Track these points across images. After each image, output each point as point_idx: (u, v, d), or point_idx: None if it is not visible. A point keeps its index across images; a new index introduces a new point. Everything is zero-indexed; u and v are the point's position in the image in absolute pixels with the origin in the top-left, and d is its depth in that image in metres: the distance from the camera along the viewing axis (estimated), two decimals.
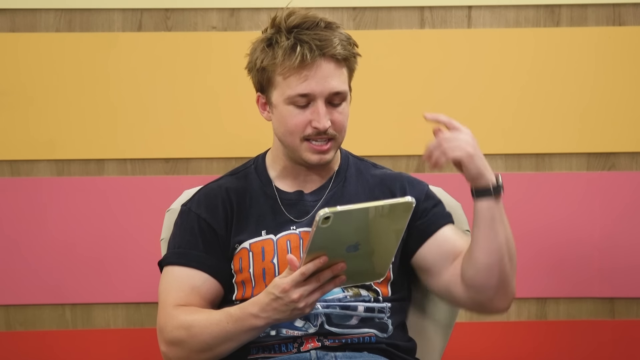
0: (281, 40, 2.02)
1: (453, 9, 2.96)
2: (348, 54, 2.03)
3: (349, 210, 1.71)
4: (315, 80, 2.01)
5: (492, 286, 1.98)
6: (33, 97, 2.93)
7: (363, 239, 1.77)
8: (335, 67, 2.02)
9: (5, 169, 2.96)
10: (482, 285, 1.98)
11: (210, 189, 2.15)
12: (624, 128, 2.96)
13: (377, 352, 2.03)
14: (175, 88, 2.94)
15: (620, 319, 2.98)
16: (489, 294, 1.99)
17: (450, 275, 2.03)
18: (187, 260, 2.07)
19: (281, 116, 2.05)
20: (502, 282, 1.98)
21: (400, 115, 2.93)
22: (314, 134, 2.03)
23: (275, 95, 2.05)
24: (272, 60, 2.02)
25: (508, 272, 1.98)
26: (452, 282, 2.03)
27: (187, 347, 1.99)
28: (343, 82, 2.04)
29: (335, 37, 2.02)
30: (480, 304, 2.02)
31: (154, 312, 2.94)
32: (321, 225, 1.70)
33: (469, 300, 2.02)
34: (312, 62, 2.00)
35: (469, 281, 2.00)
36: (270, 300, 1.86)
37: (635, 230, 2.96)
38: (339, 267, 1.79)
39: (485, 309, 2.03)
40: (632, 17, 2.95)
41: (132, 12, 2.95)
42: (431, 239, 2.07)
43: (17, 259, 2.94)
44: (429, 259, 2.07)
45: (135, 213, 2.94)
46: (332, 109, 2.03)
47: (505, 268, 1.97)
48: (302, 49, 1.99)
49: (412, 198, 1.74)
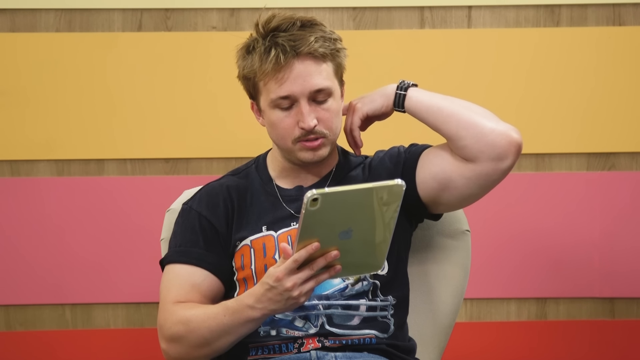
0: (257, 46, 2.03)
1: (453, 9, 2.96)
2: (325, 50, 2.02)
3: (337, 191, 1.70)
4: (291, 81, 2.01)
5: (476, 140, 2.01)
6: (33, 97, 2.93)
7: (355, 224, 1.75)
8: (314, 64, 2.02)
9: (5, 169, 2.96)
10: (470, 146, 2.01)
11: (212, 188, 2.16)
12: (624, 128, 2.96)
13: (377, 352, 2.03)
14: (175, 88, 2.94)
15: (620, 319, 2.98)
16: (482, 148, 2.01)
17: (456, 177, 2.04)
18: (188, 258, 2.07)
19: (270, 121, 2.06)
20: (480, 130, 2.01)
21: (400, 115, 2.93)
22: (303, 135, 2.03)
23: (262, 101, 2.07)
24: (251, 67, 2.04)
25: (478, 120, 2.02)
26: (457, 181, 2.04)
27: (186, 343, 1.99)
28: (325, 79, 2.03)
29: (311, 35, 2.01)
30: (491, 163, 2.01)
31: (154, 312, 2.95)
32: (309, 207, 1.69)
33: (482, 175, 2.02)
34: (287, 63, 2.00)
35: (463, 156, 2.02)
36: (265, 291, 1.86)
37: (635, 230, 2.96)
38: (332, 254, 1.77)
39: (498, 165, 2.02)
40: (632, 17, 2.96)
41: (132, 12, 2.95)
42: (419, 166, 2.09)
43: (17, 259, 2.94)
44: (429, 180, 2.07)
45: (135, 213, 2.94)
46: (317, 107, 2.03)
47: (473, 118, 2.02)
48: (276, 52, 2.00)
49: (401, 181, 1.73)
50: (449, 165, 2.05)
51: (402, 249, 2.11)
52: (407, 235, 2.14)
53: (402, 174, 2.08)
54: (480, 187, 2.05)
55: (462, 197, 2.07)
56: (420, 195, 2.08)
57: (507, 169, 2.03)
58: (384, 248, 1.80)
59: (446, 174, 2.05)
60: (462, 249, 2.28)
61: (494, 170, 2.02)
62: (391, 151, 2.16)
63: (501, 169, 2.02)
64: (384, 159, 2.14)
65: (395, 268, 2.08)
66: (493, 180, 2.04)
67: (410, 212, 2.09)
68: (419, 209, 2.09)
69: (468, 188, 2.05)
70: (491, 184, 2.05)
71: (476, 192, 2.06)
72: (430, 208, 2.11)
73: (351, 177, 2.13)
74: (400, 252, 2.10)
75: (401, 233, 2.04)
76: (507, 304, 2.99)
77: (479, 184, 2.04)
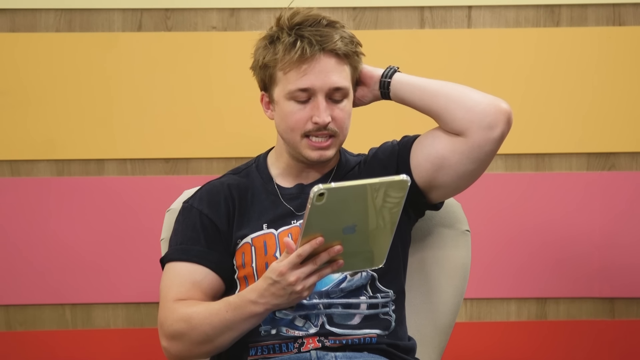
0: (283, 37, 2.04)
1: (453, 9, 2.96)
2: (349, 50, 2.05)
3: (343, 187, 1.71)
4: (314, 74, 2.02)
5: (466, 111, 2.03)
6: (33, 97, 2.93)
7: (359, 219, 1.76)
8: (337, 63, 2.04)
9: (5, 169, 2.96)
10: (460, 118, 2.03)
11: (213, 186, 2.16)
12: (624, 128, 2.96)
13: (377, 352, 2.03)
14: (175, 88, 2.94)
15: (620, 319, 2.98)
16: (472, 118, 2.03)
17: (449, 154, 2.05)
18: (189, 255, 2.08)
19: (282, 112, 2.06)
20: (468, 100, 2.04)
21: (400, 115, 2.93)
22: (314, 130, 2.04)
23: (277, 92, 2.06)
24: (273, 56, 2.04)
25: (466, 91, 2.06)
26: (450, 158, 2.05)
27: (188, 340, 1.99)
28: (344, 79, 2.05)
29: (336, 34, 2.04)
30: (482, 132, 2.03)
31: (154, 312, 2.95)
32: (315, 202, 1.69)
33: (475, 147, 2.03)
34: (312, 56, 2.02)
35: (454, 130, 2.04)
36: (268, 285, 1.86)
37: (635, 230, 2.96)
38: (336, 249, 1.78)
39: (489, 135, 2.03)
40: (632, 17, 2.96)
41: (132, 12, 2.95)
42: (412, 153, 2.10)
43: (17, 259, 2.94)
44: (423, 163, 2.08)
45: (135, 213, 2.94)
46: (333, 105, 2.05)
47: (461, 91, 2.06)
48: (302, 44, 2.01)
49: (406, 176, 1.74)
50: (440, 143, 2.07)
51: (400, 241, 2.11)
52: (407, 229, 2.14)
53: (397, 165, 2.10)
54: (474, 161, 2.05)
55: (458, 176, 2.07)
56: (416, 180, 2.08)
57: (499, 137, 2.04)
58: (387, 244, 1.81)
59: (439, 153, 2.06)
60: (462, 249, 2.28)
61: (485, 141, 2.03)
62: (384, 146, 2.17)
63: (492, 138, 2.03)
64: (377, 153, 2.16)
65: (393, 260, 2.08)
66: (486, 152, 2.04)
67: (409, 202, 2.08)
68: (417, 196, 2.09)
69: (462, 164, 2.05)
70: (484, 157, 2.05)
71: (471, 168, 2.06)
72: (428, 194, 2.11)
73: (351, 175, 2.14)
74: (398, 245, 2.10)
75: (400, 226, 2.04)
76: (507, 304, 2.99)
77: (472, 157, 2.04)
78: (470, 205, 2.41)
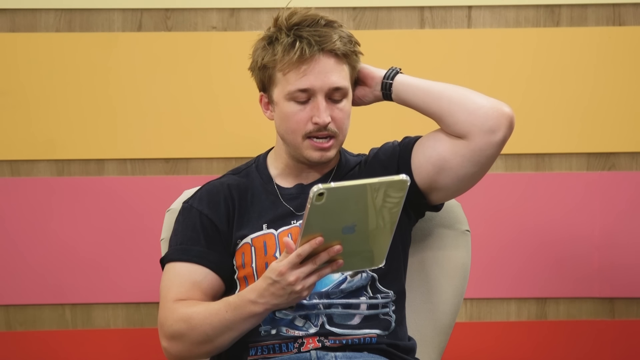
0: (281, 38, 2.04)
1: (453, 9, 2.96)
2: (348, 50, 2.04)
3: (342, 186, 1.71)
4: (314, 75, 2.02)
5: (468, 114, 2.03)
6: (33, 97, 2.93)
7: (359, 219, 1.76)
8: (336, 63, 2.04)
9: (5, 169, 2.96)
10: (462, 121, 2.03)
11: (212, 186, 2.16)
12: (624, 128, 2.96)
13: (377, 352, 2.03)
14: (175, 88, 2.94)
15: (620, 319, 2.98)
16: (474, 121, 2.03)
17: (450, 156, 2.05)
18: (189, 256, 2.07)
19: (282, 113, 2.06)
20: (471, 103, 2.04)
21: (400, 115, 2.93)
22: (315, 130, 2.04)
23: (276, 93, 2.06)
24: (272, 57, 2.04)
25: (469, 94, 2.05)
26: (451, 160, 2.05)
27: (188, 340, 1.99)
28: (343, 78, 2.05)
29: (335, 34, 2.03)
30: (484, 136, 2.02)
31: (154, 312, 2.95)
32: (315, 202, 1.70)
33: (476, 150, 2.03)
34: (311, 56, 2.01)
35: (456, 132, 2.04)
36: (267, 285, 1.86)
37: (635, 230, 2.96)
38: (335, 249, 1.78)
39: (491, 139, 2.03)
40: (632, 17, 2.96)
41: (132, 12, 2.95)
42: (413, 154, 2.10)
43: (17, 259, 2.94)
44: (424, 164, 2.08)
45: (135, 213, 2.94)
46: (333, 105, 2.05)
47: (464, 94, 2.06)
48: (301, 45, 2.01)
49: (406, 176, 1.74)
50: (442, 145, 2.06)
51: (400, 242, 2.11)
52: (407, 229, 2.14)
53: (397, 166, 2.10)
54: (475, 165, 2.05)
55: (459, 178, 2.07)
56: (417, 182, 2.08)
57: (500, 141, 2.03)
58: (386, 244, 1.81)
59: (440, 155, 2.06)
60: (462, 249, 2.28)
61: (487, 144, 2.03)
62: (385, 146, 2.16)
63: (494, 142, 2.03)
64: (377, 154, 2.16)
65: (393, 261, 2.08)
66: (487, 155, 2.04)
67: (410, 203, 2.09)
68: (417, 198, 2.09)
69: (463, 167, 2.05)
70: (485, 160, 2.05)
71: (472, 171, 2.06)
72: (429, 196, 2.11)
73: (351, 175, 2.14)
74: (398, 245, 2.10)
75: (400, 226, 2.04)
76: (507, 304, 2.99)
77: (474, 160, 2.04)
78: (470, 206, 2.41)
